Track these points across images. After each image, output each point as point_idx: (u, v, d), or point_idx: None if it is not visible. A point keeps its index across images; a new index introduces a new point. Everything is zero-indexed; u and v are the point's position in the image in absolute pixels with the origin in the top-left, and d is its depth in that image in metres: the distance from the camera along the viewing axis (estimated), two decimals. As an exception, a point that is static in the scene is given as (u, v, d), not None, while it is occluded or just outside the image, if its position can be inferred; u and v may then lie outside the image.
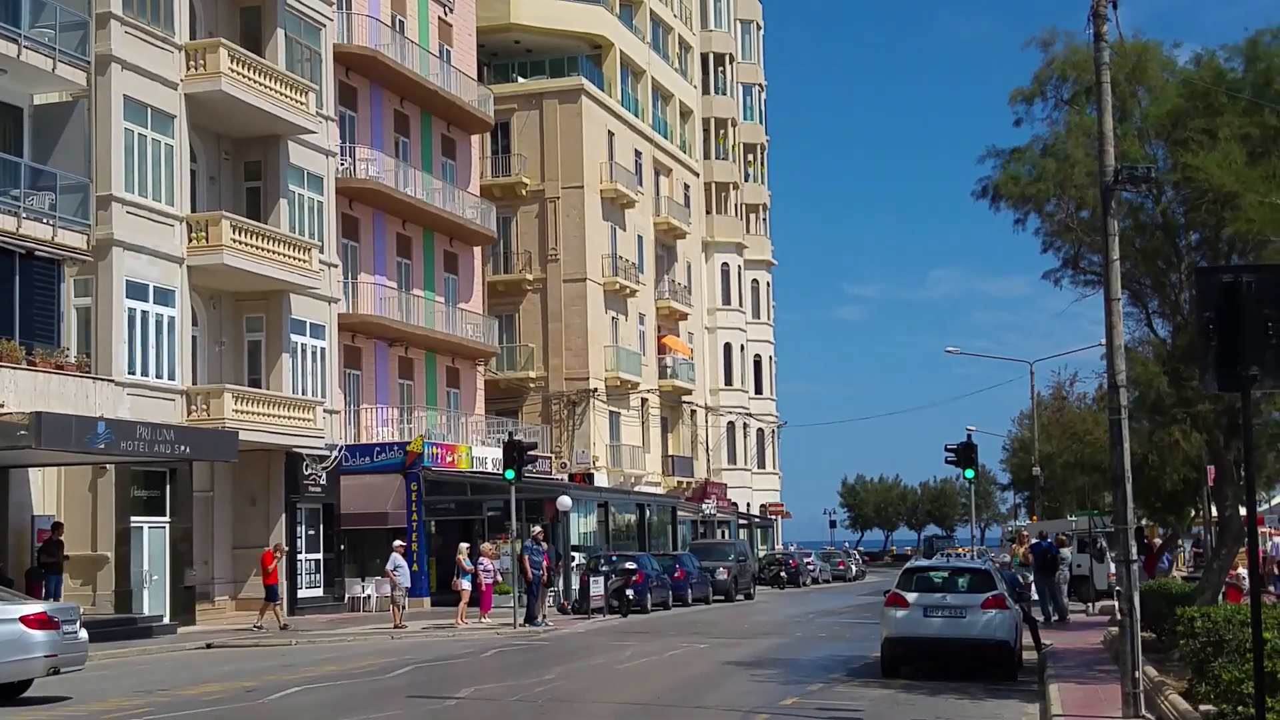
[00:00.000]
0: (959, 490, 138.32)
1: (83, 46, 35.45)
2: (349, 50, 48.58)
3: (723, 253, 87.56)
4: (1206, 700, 16.86)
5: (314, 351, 44.30)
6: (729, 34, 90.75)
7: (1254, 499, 15.19)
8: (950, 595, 26.22)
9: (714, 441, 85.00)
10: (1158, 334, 26.54)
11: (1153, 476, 37.82)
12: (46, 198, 34.35)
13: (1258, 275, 14.14)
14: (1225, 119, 22.95)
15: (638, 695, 23.92)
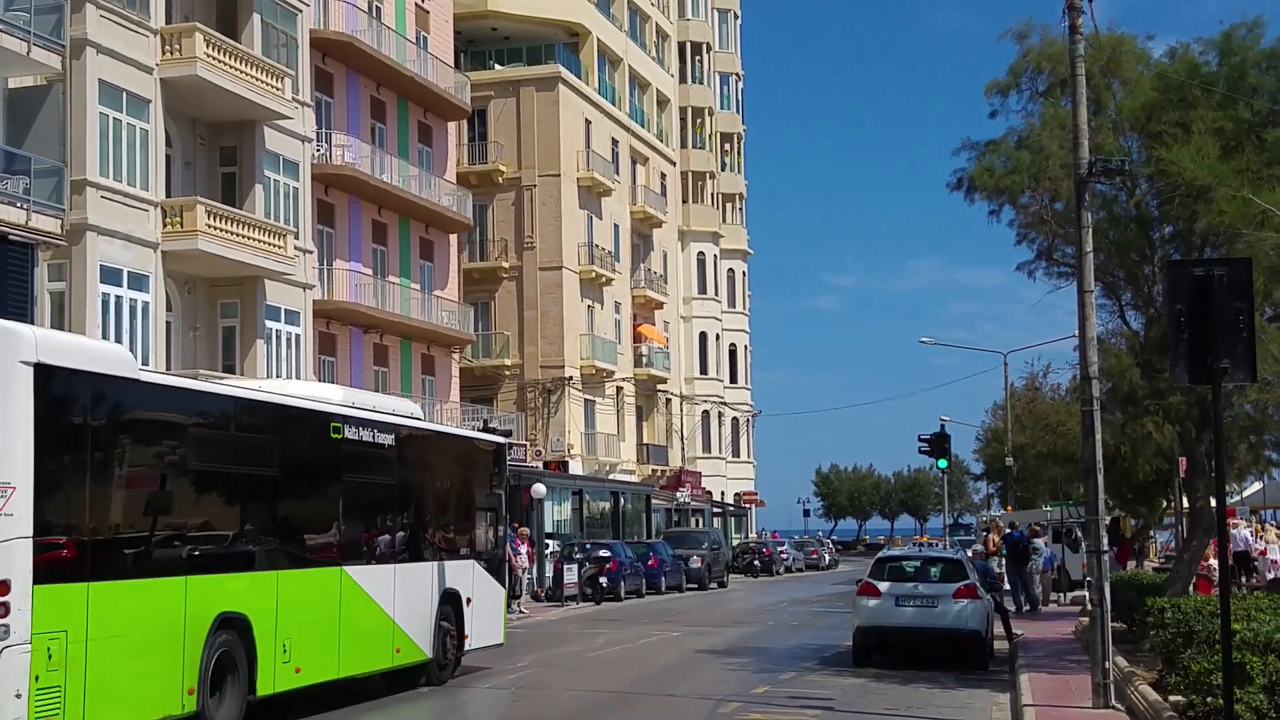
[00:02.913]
0: (932, 480, 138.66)
1: (58, 30, 35.28)
2: (325, 36, 48.40)
3: (699, 242, 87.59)
4: (1176, 691, 16.97)
5: (288, 338, 44.18)
6: (706, 23, 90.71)
7: (1224, 491, 15.29)
8: (922, 585, 26.36)
9: (689, 430, 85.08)
10: (1131, 326, 26.66)
11: (1125, 468, 37.96)
12: (20, 182, 34.19)
13: (1229, 269, 14.23)
14: (1199, 112, 23.06)
15: (610, 683, 23.96)
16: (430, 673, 22.71)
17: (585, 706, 21.06)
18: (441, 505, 24.13)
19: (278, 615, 18.01)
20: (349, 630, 20.08)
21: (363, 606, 20.55)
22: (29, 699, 13.39)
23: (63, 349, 14.68)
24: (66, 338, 17.43)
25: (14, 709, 13.23)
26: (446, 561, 23.49)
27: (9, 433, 13.61)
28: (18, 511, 13.51)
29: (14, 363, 13.71)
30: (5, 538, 13.42)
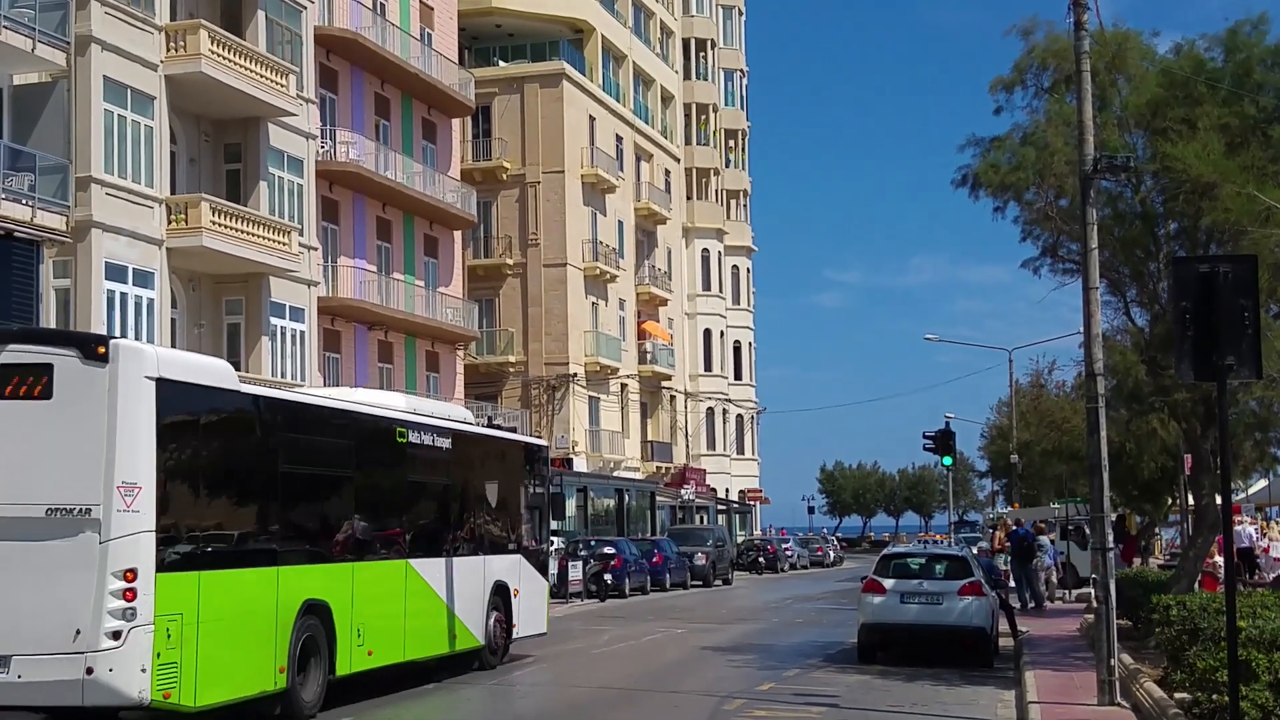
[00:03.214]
0: (937, 477, 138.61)
1: (62, 27, 35.30)
2: (330, 33, 48.40)
3: (703, 238, 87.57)
4: (1181, 688, 16.95)
5: (293, 335, 44.19)
6: (710, 19, 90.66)
7: (1229, 488, 15.28)
8: (927, 582, 26.35)
9: (693, 427, 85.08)
10: (1136, 323, 26.65)
11: (1130, 465, 38.02)
12: (25, 179, 34.21)
13: (1234, 265, 14.22)
14: (1204, 109, 23.04)
15: (615, 680, 23.97)
16: (482, 658, 24.36)
17: (589, 703, 21.07)
18: (491, 503, 25.75)
19: (353, 603, 19.76)
20: (413, 617, 21.80)
21: (425, 596, 22.28)
22: (152, 673, 15.13)
23: (177, 364, 16.53)
24: (180, 354, 19.28)
25: (139, 682, 15.01)
26: (496, 555, 25.22)
27: (135, 439, 15.32)
28: (143, 509, 15.25)
29: (139, 378, 15.44)
30: (133, 531, 15.17)
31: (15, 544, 15.24)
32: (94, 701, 15.08)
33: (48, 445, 15.37)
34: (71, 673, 14.91)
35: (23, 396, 15.46)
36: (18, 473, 15.35)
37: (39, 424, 15.42)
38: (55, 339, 17.18)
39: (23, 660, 15.01)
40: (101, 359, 15.41)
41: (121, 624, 15.01)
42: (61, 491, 15.25)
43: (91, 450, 15.23)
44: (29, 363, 15.55)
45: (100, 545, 15.09)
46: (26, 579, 15.21)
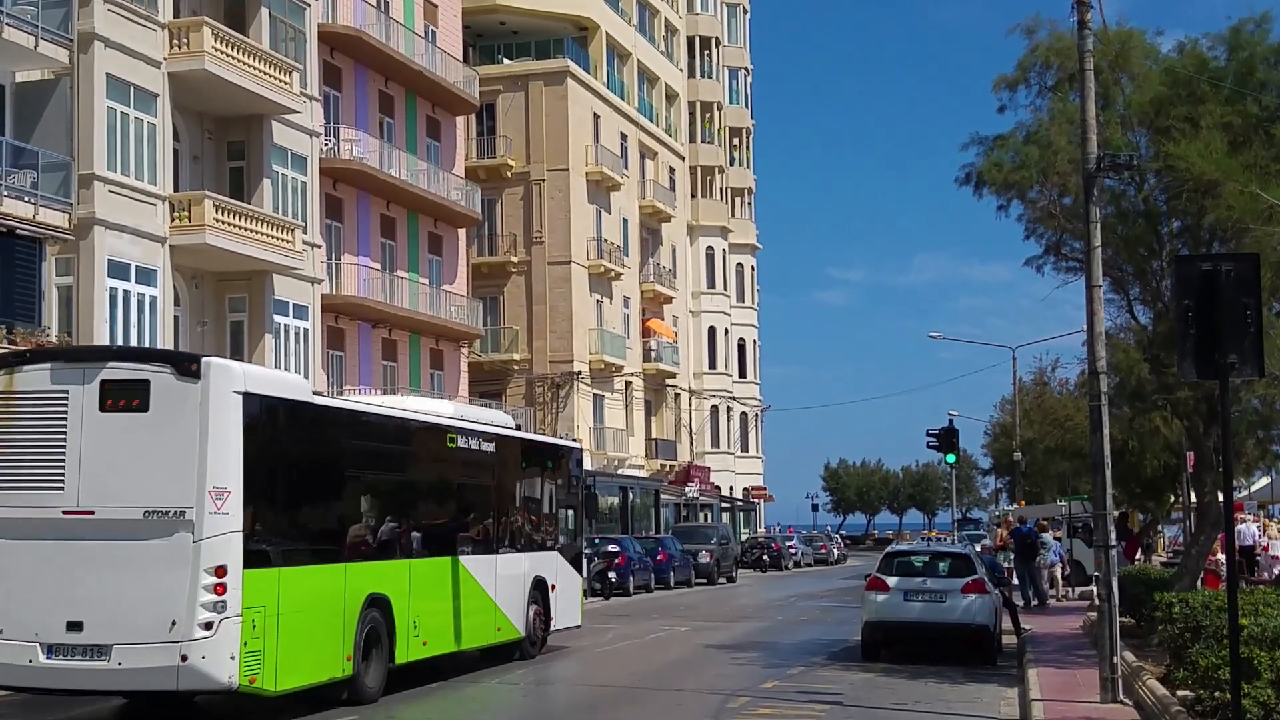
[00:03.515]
0: (941, 475, 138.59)
1: (65, 24, 35.30)
2: (333, 30, 48.41)
3: (707, 236, 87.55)
4: (1184, 685, 16.95)
5: (297, 332, 44.21)
6: (715, 17, 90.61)
7: (1231, 486, 15.28)
8: (930, 579, 26.36)
9: (697, 425, 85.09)
10: (1139, 321, 26.65)
11: (1133, 462, 37.98)
12: (28, 176, 34.22)
13: (1236, 264, 14.22)
14: (1207, 107, 23.02)
15: (619, 678, 24.02)
16: (523, 649, 25.91)
17: (594, 701, 21.11)
18: (531, 502, 27.32)
19: (410, 597, 21.27)
20: (462, 610, 23.34)
21: (472, 590, 23.79)
22: (239, 660, 16.57)
23: (260, 379, 18.05)
24: (262, 370, 21.12)
25: (229, 668, 16.45)
26: (535, 552, 26.83)
27: (224, 447, 16.73)
28: (232, 511, 16.65)
29: (228, 391, 16.88)
30: (223, 532, 16.54)
31: (116, 543, 16.58)
32: (187, 686, 16.59)
33: (145, 453, 16.71)
34: (167, 660, 16.24)
35: (122, 409, 16.80)
36: (118, 478, 16.67)
37: (137, 434, 16.77)
38: (152, 357, 18.55)
39: (123, 649, 16.33)
40: (194, 375, 16.83)
41: (213, 615, 16.35)
42: (158, 495, 16.58)
43: (185, 457, 16.60)
44: (128, 378, 16.94)
45: (194, 544, 16.44)
46: (126, 575, 16.52)
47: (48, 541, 16.76)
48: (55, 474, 16.82)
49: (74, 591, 16.60)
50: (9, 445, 17.11)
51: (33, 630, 16.60)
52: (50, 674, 16.65)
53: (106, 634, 16.42)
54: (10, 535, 16.87)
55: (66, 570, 16.68)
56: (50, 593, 16.69)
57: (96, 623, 16.47)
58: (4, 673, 16.90)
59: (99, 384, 16.88)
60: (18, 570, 16.80)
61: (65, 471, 16.79)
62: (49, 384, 17.08)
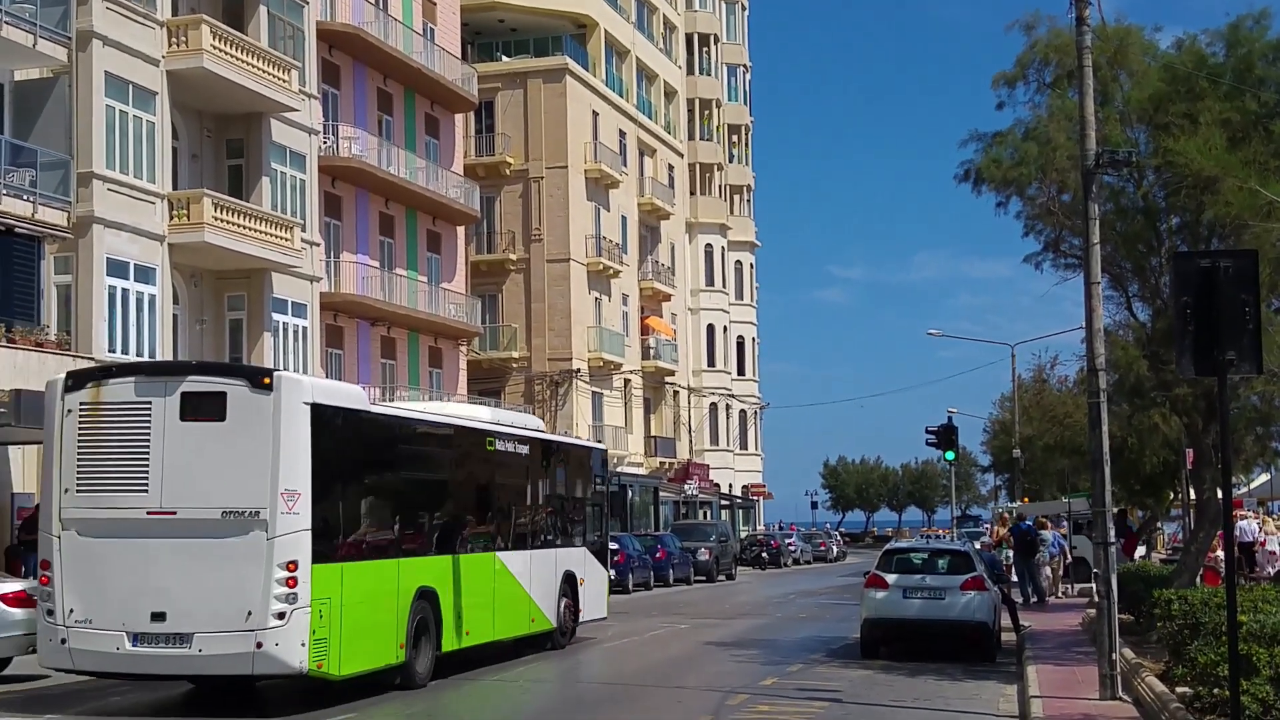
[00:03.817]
0: (940, 472, 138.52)
1: (64, 22, 35.28)
2: (332, 28, 48.40)
3: (706, 234, 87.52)
4: (1183, 682, 16.97)
5: (296, 330, 44.20)
6: (713, 14, 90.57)
7: (1230, 483, 15.28)
8: (930, 577, 26.36)
9: (696, 422, 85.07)
10: (1138, 317, 26.63)
11: (1132, 459, 37.99)
12: (27, 174, 34.20)
13: (1235, 260, 14.21)
14: (1206, 104, 23.00)
15: (618, 675, 24.05)
16: (554, 639, 27.33)
17: (593, 698, 21.10)
18: (560, 501, 28.83)
19: (454, 590, 22.74)
20: (500, 602, 24.85)
21: (509, 584, 25.33)
22: (309, 647, 18.03)
23: (325, 390, 19.85)
24: (326, 382, 23.21)
25: (299, 654, 17.93)
26: (565, 548, 28.30)
27: (295, 453, 18.17)
28: (302, 511, 18.10)
29: (299, 403, 18.34)
30: (294, 530, 17.99)
31: (196, 540, 18.06)
32: (261, 670, 18.17)
33: (222, 459, 18.18)
34: (243, 647, 17.76)
35: (202, 419, 18.30)
36: (197, 481, 18.18)
37: (215, 441, 18.26)
38: (228, 371, 20.91)
39: (203, 637, 17.84)
40: (267, 388, 18.33)
41: (285, 606, 17.83)
42: (234, 497, 18.06)
43: (259, 462, 18.06)
44: (207, 391, 18.45)
45: (267, 541, 17.91)
46: (205, 569, 18.00)
47: (133, 540, 18.25)
48: (140, 478, 18.33)
49: (157, 585, 18.06)
50: (97, 452, 18.61)
51: (120, 621, 18.10)
52: (136, 660, 18.18)
53: (188, 623, 17.92)
54: (98, 534, 18.36)
55: (150, 566, 18.17)
56: (136, 586, 18.12)
57: (178, 613, 17.95)
58: (94, 660, 18.40)
59: (180, 396, 18.43)
60: (106, 566, 18.31)
61: (149, 476, 18.31)
62: (133, 396, 18.63)
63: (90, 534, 18.41)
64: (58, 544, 18.53)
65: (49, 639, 18.59)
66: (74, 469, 18.63)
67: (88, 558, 18.40)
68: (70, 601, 18.34)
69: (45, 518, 18.90)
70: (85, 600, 18.30)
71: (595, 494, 30.55)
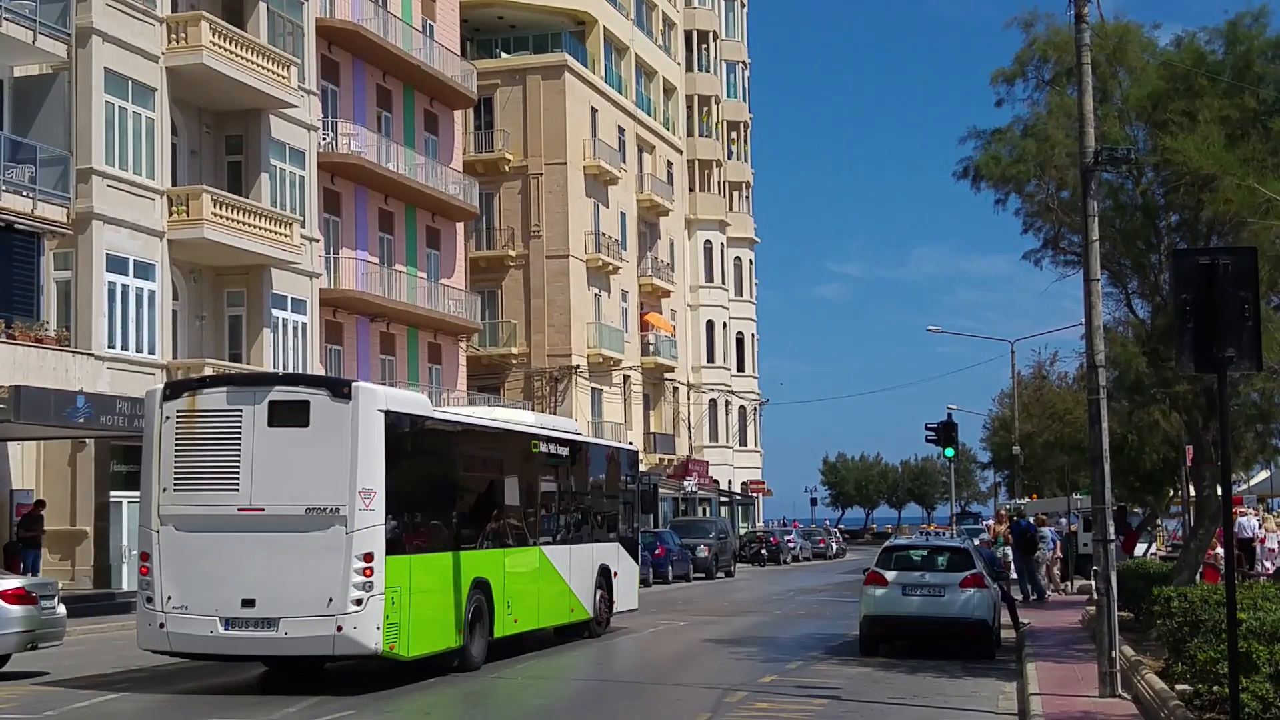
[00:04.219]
0: (940, 469, 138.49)
1: (63, 18, 35.30)
2: (331, 24, 48.40)
3: (705, 230, 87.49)
4: (1182, 680, 16.96)
5: (295, 326, 44.22)
6: (713, 11, 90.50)
7: (1229, 480, 15.27)
8: (929, 574, 26.31)
9: (696, 419, 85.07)
10: (1137, 314, 26.60)
11: (1132, 456, 37.95)
12: (26, 170, 34.22)
13: (1234, 257, 14.19)
14: (1205, 101, 22.98)
15: (617, 672, 24.07)
16: (590, 628, 29.08)
17: (591, 695, 21.10)
18: (596, 499, 30.78)
19: (505, 580, 24.49)
20: (544, 593, 26.71)
21: (551, 576, 27.10)
22: (383, 630, 19.76)
23: (396, 399, 21.60)
24: (397, 391, 24.27)
25: (375, 637, 19.70)
26: (600, 543, 30.15)
27: (371, 456, 19.91)
28: (377, 508, 19.80)
29: (374, 410, 20.09)
30: (370, 525, 19.73)
31: (282, 534, 19.80)
32: (341, 651, 19.92)
33: (306, 460, 19.92)
34: (325, 630, 19.54)
35: (287, 425, 20.06)
36: (283, 481, 19.93)
37: (300, 445, 20.00)
38: (311, 382, 22.49)
39: (289, 621, 19.62)
40: (346, 397, 20.16)
41: (363, 594, 19.57)
42: (317, 495, 19.80)
43: (339, 464, 19.81)
44: (292, 400, 20.25)
45: (346, 535, 19.66)
46: (290, 560, 19.75)
47: (225, 534, 20.05)
48: (231, 478, 20.14)
49: (247, 574, 19.85)
50: (192, 455, 20.44)
51: (213, 607, 19.91)
52: (228, 643, 20.01)
53: (275, 609, 19.71)
54: (194, 529, 20.19)
55: (241, 557, 19.94)
56: (227, 576, 19.92)
57: (266, 600, 19.72)
58: (189, 642, 20.24)
59: (267, 404, 20.20)
60: (200, 557, 20.13)
61: (240, 476, 20.11)
62: (225, 404, 20.47)
63: (186, 528, 20.23)
64: (156, 538, 20.37)
65: (147, 624, 20.35)
66: (171, 470, 20.44)
67: (183, 550, 20.22)
68: (168, 590, 20.14)
69: (145, 513, 20.73)
70: (181, 588, 20.09)
71: (627, 492, 32.32)
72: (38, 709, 18.27)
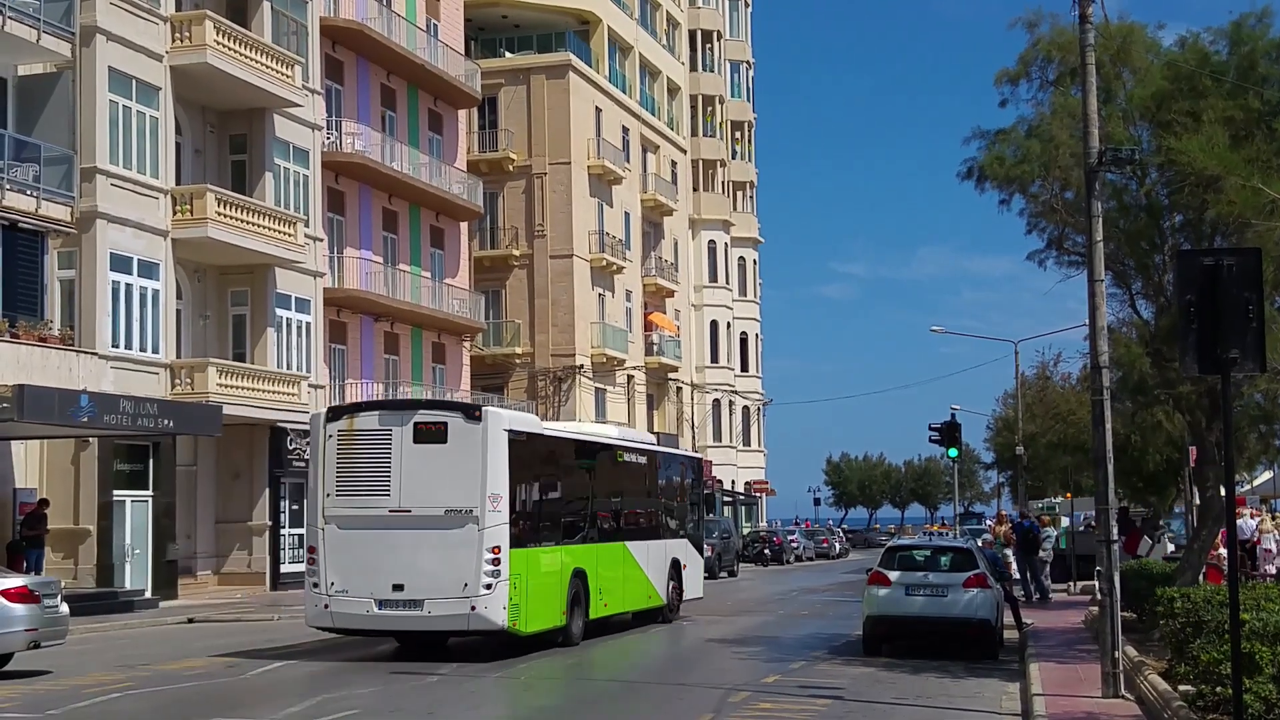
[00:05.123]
0: (943, 469, 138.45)
1: (67, 17, 35.31)
2: (335, 24, 48.41)
3: (709, 230, 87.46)
4: (1185, 680, 16.94)
5: (299, 326, 44.23)
6: (717, 11, 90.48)
7: (1233, 481, 15.26)
8: (932, 574, 26.27)
9: (699, 419, 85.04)
10: (1141, 315, 26.59)
11: (1135, 457, 37.95)
12: (30, 169, 34.22)
13: (1238, 258, 14.18)
14: (1209, 102, 22.95)
15: (620, 673, 24.05)
16: (664, 614, 32.97)
17: (595, 695, 21.09)
18: (669, 500, 34.54)
19: (598, 570, 28.32)
20: (627, 582, 30.62)
21: (633, 567, 31.01)
22: (508, 610, 23.70)
23: (515, 420, 25.84)
24: (516, 414, 28.46)
25: (502, 615, 23.64)
26: (672, 539, 33.92)
27: (497, 466, 23.88)
28: (502, 510, 23.79)
29: (500, 430, 24.14)
30: (498, 524, 23.68)
31: (425, 531, 23.75)
32: (474, 627, 23.88)
33: (444, 471, 23.89)
34: (461, 609, 23.56)
35: (430, 442, 24.03)
36: (426, 487, 23.91)
37: (439, 458, 23.95)
38: (449, 407, 27.37)
39: (431, 602, 23.67)
40: (477, 419, 24.19)
41: (492, 579, 23.52)
42: (454, 499, 23.77)
43: (472, 474, 23.75)
44: (433, 421, 24.34)
45: (479, 532, 23.61)
46: (432, 552, 23.68)
47: (378, 531, 23.97)
48: (384, 485, 24.11)
49: (397, 564, 23.81)
50: (351, 466, 24.34)
51: (368, 590, 23.89)
52: (381, 620, 24.09)
53: (420, 592, 23.70)
54: (352, 527, 24.12)
55: (391, 550, 23.87)
56: (380, 565, 23.85)
57: (413, 585, 23.71)
58: (349, 620, 24.29)
59: (412, 426, 24.22)
60: (357, 550, 24.06)
61: (390, 483, 24.08)
62: (377, 425, 24.51)
63: (346, 526, 24.16)
64: (322, 534, 24.34)
65: (314, 605, 24.37)
66: (334, 478, 24.35)
67: (344, 544, 24.15)
68: (331, 577, 24.06)
69: (312, 514, 24.98)
70: (342, 576, 24.02)
71: (693, 494, 36.40)
72: (40, 708, 18.28)
